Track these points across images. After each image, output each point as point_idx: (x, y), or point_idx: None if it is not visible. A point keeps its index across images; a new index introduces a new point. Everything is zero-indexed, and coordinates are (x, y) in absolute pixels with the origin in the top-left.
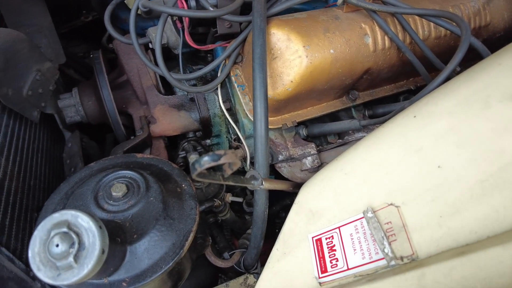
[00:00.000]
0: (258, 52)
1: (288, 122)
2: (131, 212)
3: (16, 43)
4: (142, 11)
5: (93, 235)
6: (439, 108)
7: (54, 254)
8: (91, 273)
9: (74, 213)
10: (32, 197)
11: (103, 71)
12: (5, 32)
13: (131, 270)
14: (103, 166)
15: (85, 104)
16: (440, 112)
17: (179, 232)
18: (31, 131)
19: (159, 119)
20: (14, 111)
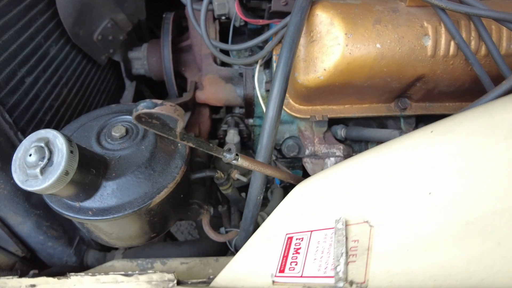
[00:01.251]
0: (291, 30)
1: (318, 115)
2: (120, 153)
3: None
4: None
5: (62, 156)
6: (461, 127)
7: (27, 162)
8: (51, 188)
9: (55, 133)
10: None
11: (168, 32)
12: None
13: (100, 203)
14: (120, 109)
15: (150, 60)
16: (459, 132)
17: (155, 184)
18: (99, 73)
19: (206, 87)
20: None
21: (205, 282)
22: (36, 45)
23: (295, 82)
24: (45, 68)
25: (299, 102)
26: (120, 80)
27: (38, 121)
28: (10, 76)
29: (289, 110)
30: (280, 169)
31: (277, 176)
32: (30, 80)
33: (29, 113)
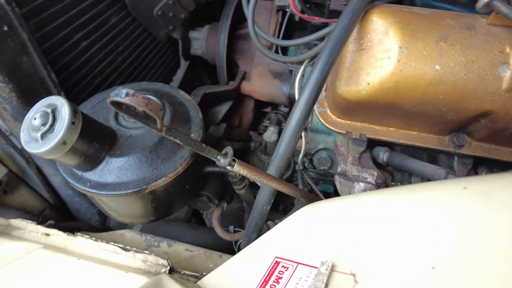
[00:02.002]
0: (336, 34)
1: (356, 132)
2: (131, 132)
3: None
4: None
5: (63, 125)
6: (502, 192)
7: (32, 125)
8: (48, 154)
9: (63, 102)
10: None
11: (228, 17)
12: None
13: (99, 177)
14: (148, 87)
15: (208, 42)
16: (498, 199)
17: (155, 170)
18: (158, 48)
19: (253, 79)
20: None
21: (196, 277)
22: (97, 12)
23: (334, 92)
24: (103, 35)
25: (337, 114)
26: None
27: (85, 84)
28: (66, 38)
29: (324, 121)
30: (288, 184)
31: (283, 191)
32: (85, 44)
33: (78, 75)
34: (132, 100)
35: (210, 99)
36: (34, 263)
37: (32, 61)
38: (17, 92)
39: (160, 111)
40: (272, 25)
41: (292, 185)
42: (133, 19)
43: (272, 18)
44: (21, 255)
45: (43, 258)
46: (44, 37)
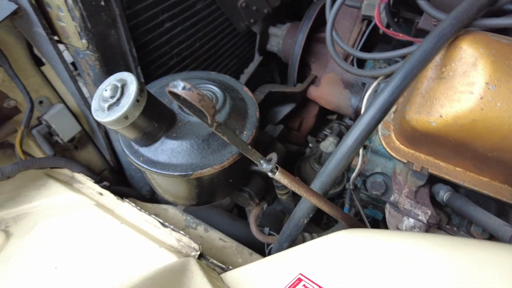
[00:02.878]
0: (415, 57)
1: (417, 164)
2: (190, 118)
3: None
4: None
5: (128, 101)
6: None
7: (102, 95)
8: (111, 125)
9: (133, 79)
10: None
11: (310, 19)
12: None
13: (152, 154)
14: (216, 78)
15: (285, 40)
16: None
17: (203, 159)
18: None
19: (322, 85)
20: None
21: (222, 269)
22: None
23: (403, 117)
24: (186, 19)
25: (401, 140)
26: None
27: (161, 63)
28: (152, 18)
29: (386, 144)
30: (329, 203)
31: (323, 209)
32: (168, 25)
33: (156, 53)
34: (187, 94)
35: (275, 98)
36: (85, 217)
37: (119, 35)
38: (101, 61)
39: (212, 108)
40: (354, 33)
41: (333, 205)
42: (217, 8)
43: (355, 26)
44: (76, 207)
45: (93, 214)
46: (133, 14)
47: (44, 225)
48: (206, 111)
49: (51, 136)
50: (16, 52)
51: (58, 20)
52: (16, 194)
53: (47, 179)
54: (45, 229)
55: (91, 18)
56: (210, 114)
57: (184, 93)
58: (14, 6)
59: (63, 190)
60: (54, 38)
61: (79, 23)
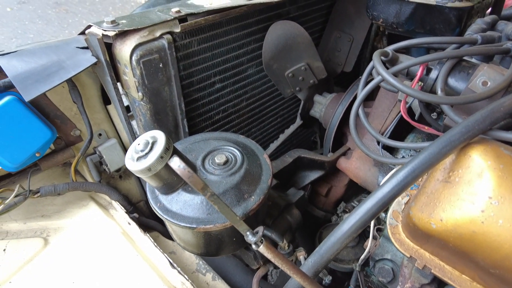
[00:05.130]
0: (420, 159)
1: (420, 262)
2: (208, 176)
3: (298, 37)
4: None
5: (153, 156)
6: None
7: (135, 147)
8: (136, 173)
9: (162, 137)
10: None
11: (351, 94)
12: (292, 24)
13: (167, 202)
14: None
15: (328, 109)
16: None
17: (209, 216)
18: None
19: (353, 159)
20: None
21: None
22: (238, 63)
23: (408, 212)
24: (236, 81)
25: (407, 233)
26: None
27: (206, 117)
28: (204, 78)
29: (391, 234)
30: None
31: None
32: (219, 86)
33: (203, 109)
34: (180, 171)
35: (303, 163)
36: (110, 242)
37: (171, 91)
38: (151, 111)
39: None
40: (392, 114)
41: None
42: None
43: (395, 107)
44: (106, 231)
45: (117, 241)
46: (187, 75)
47: (76, 242)
48: (194, 186)
49: (101, 164)
50: (90, 91)
51: (123, 74)
52: (63, 208)
53: (89, 201)
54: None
55: (149, 76)
56: (198, 188)
57: (178, 170)
58: (94, 60)
59: (99, 214)
60: (118, 86)
61: (138, 79)
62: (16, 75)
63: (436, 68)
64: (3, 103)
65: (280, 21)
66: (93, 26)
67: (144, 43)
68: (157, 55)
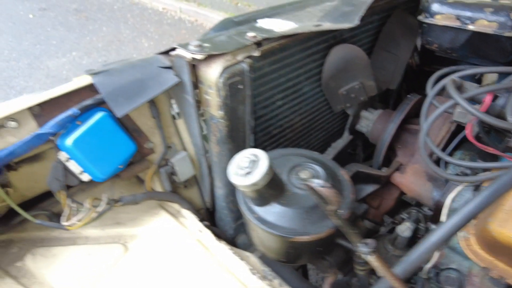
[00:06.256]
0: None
1: (495, 271)
2: (296, 190)
3: (357, 58)
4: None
5: (260, 174)
6: None
7: (240, 164)
8: (242, 187)
9: (265, 157)
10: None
11: (402, 112)
12: (353, 47)
13: (263, 213)
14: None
15: (375, 125)
16: None
17: (302, 227)
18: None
19: (407, 173)
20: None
21: None
22: (297, 82)
23: (485, 226)
24: (294, 98)
25: (481, 245)
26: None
27: (266, 132)
28: (268, 97)
29: (465, 247)
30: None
31: None
32: (279, 103)
33: (265, 124)
34: (327, 192)
35: (360, 177)
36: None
37: (245, 110)
38: (228, 128)
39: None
40: (442, 131)
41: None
42: (319, 90)
43: (445, 124)
44: (180, 239)
45: (194, 249)
46: (256, 94)
47: (152, 249)
48: (335, 204)
49: (171, 175)
50: (164, 107)
51: (205, 94)
52: (136, 216)
53: (160, 209)
54: (154, 252)
55: (231, 97)
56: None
57: (325, 190)
58: (177, 80)
59: (171, 222)
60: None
61: (221, 99)
62: (109, 92)
63: (503, 95)
64: (99, 118)
65: (342, 45)
66: (179, 48)
67: (229, 67)
68: (239, 78)
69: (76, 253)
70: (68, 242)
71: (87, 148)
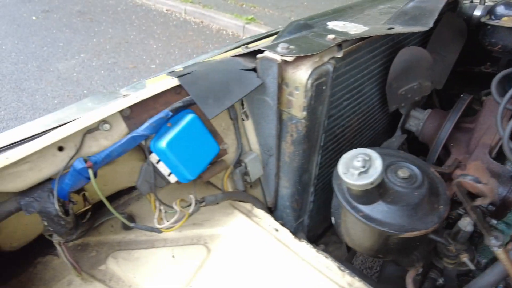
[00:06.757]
0: None
1: None
2: (397, 188)
3: (421, 60)
4: None
5: (376, 173)
6: None
7: (353, 164)
8: (356, 186)
9: (377, 156)
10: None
11: (458, 112)
12: (419, 49)
13: (369, 211)
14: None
15: (426, 124)
16: None
17: (411, 223)
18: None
19: (468, 170)
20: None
21: None
22: (361, 83)
23: None
24: (356, 98)
25: None
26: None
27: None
28: (338, 98)
29: None
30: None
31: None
32: (345, 103)
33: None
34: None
35: None
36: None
37: (322, 109)
38: (307, 127)
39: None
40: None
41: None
42: (378, 91)
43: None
44: (257, 238)
45: (275, 247)
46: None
47: (235, 249)
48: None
49: (244, 175)
50: (236, 110)
51: (288, 95)
52: (211, 216)
53: (233, 209)
54: (236, 252)
55: (316, 97)
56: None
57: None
58: (261, 81)
59: (245, 221)
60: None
61: (307, 100)
62: (198, 95)
63: None
64: (189, 120)
65: (409, 47)
66: (267, 51)
67: (317, 68)
68: (324, 79)
69: (159, 255)
70: (147, 245)
71: (179, 150)
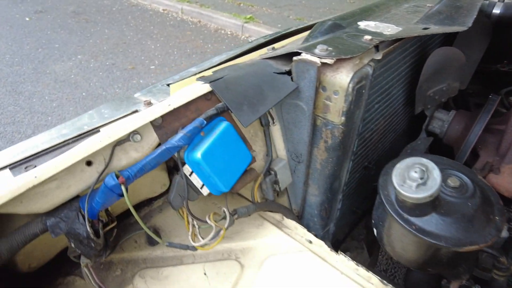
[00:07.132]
0: None
1: None
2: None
3: (453, 60)
4: None
5: (435, 184)
6: None
7: (409, 175)
8: (415, 199)
9: (434, 166)
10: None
11: (489, 113)
12: (454, 50)
13: (422, 224)
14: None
15: (452, 125)
16: None
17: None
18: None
19: (504, 174)
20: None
21: None
22: (391, 85)
23: None
24: (385, 101)
25: None
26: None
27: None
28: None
29: None
30: None
31: None
32: (376, 106)
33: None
34: None
35: None
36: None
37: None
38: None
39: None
40: None
41: None
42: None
43: None
44: (290, 250)
45: (311, 261)
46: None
47: (269, 264)
48: None
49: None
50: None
51: (325, 99)
52: (240, 229)
53: (262, 220)
54: (271, 267)
55: (355, 102)
56: None
57: None
58: (295, 85)
59: (277, 233)
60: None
61: (347, 105)
62: (232, 101)
63: None
64: (223, 128)
65: (442, 47)
66: (304, 53)
67: (357, 71)
68: (364, 82)
69: (190, 273)
70: (175, 262)
71: (214, 161)
